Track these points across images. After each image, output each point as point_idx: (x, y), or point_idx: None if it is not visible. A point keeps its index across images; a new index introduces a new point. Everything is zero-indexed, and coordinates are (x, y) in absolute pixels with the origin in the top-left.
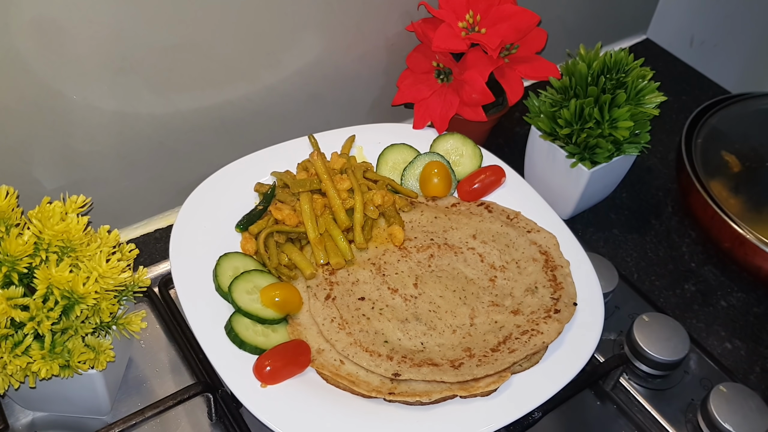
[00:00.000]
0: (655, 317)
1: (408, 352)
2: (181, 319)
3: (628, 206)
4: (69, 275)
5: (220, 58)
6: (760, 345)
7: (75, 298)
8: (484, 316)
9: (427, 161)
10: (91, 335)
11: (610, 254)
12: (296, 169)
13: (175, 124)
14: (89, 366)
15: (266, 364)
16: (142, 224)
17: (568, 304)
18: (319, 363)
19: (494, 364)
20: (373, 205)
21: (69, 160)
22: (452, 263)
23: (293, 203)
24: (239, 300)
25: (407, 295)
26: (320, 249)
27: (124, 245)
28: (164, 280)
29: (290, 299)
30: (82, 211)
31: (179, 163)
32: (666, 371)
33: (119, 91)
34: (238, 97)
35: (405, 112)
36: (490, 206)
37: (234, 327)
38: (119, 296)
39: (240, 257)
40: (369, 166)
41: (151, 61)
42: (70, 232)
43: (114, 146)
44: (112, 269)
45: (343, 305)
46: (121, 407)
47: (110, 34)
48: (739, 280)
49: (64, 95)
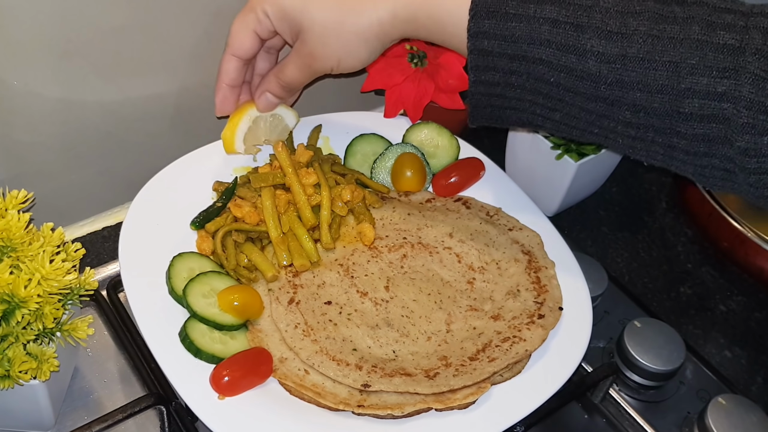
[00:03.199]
0: (648, 323)
1: (379, 361)
2: (132, 325)
3: (618, 202)
4: (9, 277)
5: (175, 41)
6: (762, 353)
7: (15, 302)
8: (461, 322)
9: (399, 153)
10: (33, 343)
11: (599, 254)
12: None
13: (125, 113)
14: (31, 376)
15: (224, 374)
16: (89, 222)
17: (553, 308)
18: (281, 373)
19: (473, 374)
20: (341, 201)
21: (9, 151)
22: (427, 264)
23: (254, 199)
24: (195, 304)
25: (378, 299)
26: (283, 249)
27: (69, 244)
28: (113, 283)
29: (250, 303)
30: (23, 207)
31: (129, 155)
32: (660, 382)
33: (63, 77)
34: (194, 83)
35: (375, 100)
36: (468, 202)
37: (189, 334)
38: (64, 300)
39: (196, 258)
40: (336, 158)
41: (99, 44)
42: (10, 230)
43: (58, 137)
44: (56, 271)
45: (307, 310)
46: (66, 421)
47: (53, 14)
48: (740, 282)
49: (3, 81)
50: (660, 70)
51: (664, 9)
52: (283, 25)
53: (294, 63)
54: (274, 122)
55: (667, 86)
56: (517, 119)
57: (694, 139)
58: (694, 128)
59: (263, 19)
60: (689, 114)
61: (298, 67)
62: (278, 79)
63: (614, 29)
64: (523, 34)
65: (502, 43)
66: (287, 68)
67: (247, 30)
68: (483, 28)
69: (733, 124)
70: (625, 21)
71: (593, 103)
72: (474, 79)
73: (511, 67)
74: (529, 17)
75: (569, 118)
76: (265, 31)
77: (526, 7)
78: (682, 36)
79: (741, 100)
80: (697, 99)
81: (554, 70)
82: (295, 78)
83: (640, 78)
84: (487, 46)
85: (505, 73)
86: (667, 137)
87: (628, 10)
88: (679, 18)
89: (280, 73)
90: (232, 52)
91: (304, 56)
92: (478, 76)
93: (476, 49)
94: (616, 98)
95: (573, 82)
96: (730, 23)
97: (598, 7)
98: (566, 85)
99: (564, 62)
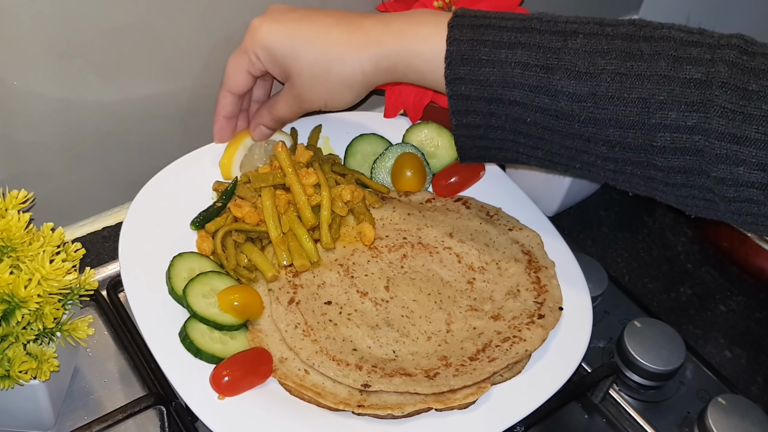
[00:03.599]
0: (648, 323)
1: (379, 361)
2: (132, 325)
3: (618, 202)
4: (9, 277)
5: (175, 41)
6: (762, 353)
7: (15, 302)
8: (461, 322)
9: (399, 153)
10: (33, 343)
11: (599, 254)
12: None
13: (125, 113)
14: (31, 376)
15: (224, 374)
16: (89, 222)
17: (553, 308)
18: (281, 373)
19: (473, 374)
20: (341, 201)
21: (9, 151)
22: (427, 264)
23: (254, 199)
24: (195, 304)
25: (378, 299)
26: (283, 249)
27: (69, 244)
28: (113, 283)
29: (250, 303)
30: (23, 207)
31: (130, 155)
32: (660, 382)
33: (64, 77)
34: (194, 83)
35: (375, 100)
36: (468, 202)
37: (189, 334)
38: (64, 300)
39: (196, 258)
40: (336, 158)
41: (99, 44)
42: (10, 230)
43: (58, 137)
44: (56, 271)
45: (307, 310)
46: (66, 421)
47: (53, 14)
48: (740, 282)
49: (4, 81)
50: (630, 107)
51: (631, 46)
52: (274, 68)
53: (285, 101)
54: (269, 148)
55: (638, 122)
56: (502, 157)
57: (671, 171)
58: (669, 161)
59: (255, 61)
60: (662, 147)
61: (288, 104)
62: (270, 114)
63: (582, 69)
64: (497, 78)
65: (479, 88)
66: (278, 104)
67: (241, 70)
68: (459, 75)
69: (707, 156)
70: (594, 60)
71: (570, 140)
72: (456, 123)
73: (490, 109)
74: (501, 62)
75: (551, 154)
76: (258, 71)
77: (498, 52)
78: (649, 72)
79: (712, 133)
80: (669, 132)
81: (530, 111)
82: (286, 114)
83: (611, 115)
84: (464, 91)
85: (484, 116)
86: (645, 170)
87: (595, 49)
88: (646, 55)
89: (272, 109)
90: (227, 89)
91: (294, 97)
92: (459, 119)
93: (455, 94)
94: (591, 135)
95: (549, 121)
96: (696, 57)
97: (566, 48)
98: (543, 125)
99: (538, 103)
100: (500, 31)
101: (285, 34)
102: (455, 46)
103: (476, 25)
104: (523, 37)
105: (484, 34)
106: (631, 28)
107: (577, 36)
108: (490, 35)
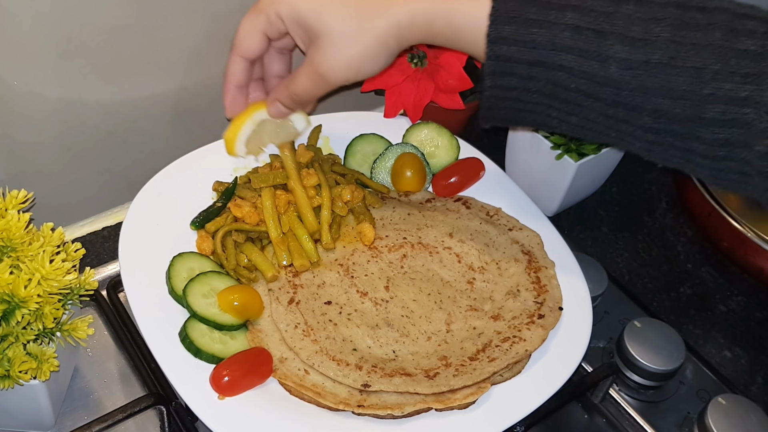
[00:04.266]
0: (648, 323)
1: (379, 361)
2: (132, 325)
3: (618, 202)
4: (9, 277)
5: (175, 41)
6: (762, 353)
7: (15, 302)
8: (461, 322)
9: (399, 153)
10: (33, 342)
11: (599, 254)
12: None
13: (124, 113)
14: (31, 376)
15: (224, 374)
16: (89, 222)
17: (553, 308)
18: (281, 373)
19: (473, 374)
20: (341, 201)
21: (9, 151)
22: (427, 264)
23: (254, 200)
24: (195, 304)
25: (378, 298)
26: (283, 249)
27: (69, 244)
28: (113, 283)
29: (250, 303)
30: (23, 207)
31: (129, 155)
32: (660, 382)
33: (64, 77)
34: (193, 83)
35: (375, 100)
36: (468, 202)
37: (189, 334)
38: (64, 300)
39: (195, 258)
40: (336, 158)
41: (99, 44)
42: (10, 230)
43: (58, 137)
44: (56, 271)
45: (307, 310)
46: (66, 421)
47: (53, 13)
48: (740, 282)
49: (3, 81)
50: (683, 76)
51: (685, 15)
52: (298, 29)
53: (306, 74)
54: (281, 125)
55: (690, 92)
56: (531, 121)
57: (714, 143)
58: (715, 133)
59: (275, 20)
60: (711, 119)
61: (311, 78)
62: (288, 90)
63: (637, 35)
64: (544, 39)
65: (522, 49)
66: (298, 79)
67: (256, 31)
68: (503, 34)
69: (753, 129)
70: (648, 27)
71: (613, 109)
72: (490, 84)
73: (530, 72)
74: (551, 23)
75: (586, 121)
76: (276, 32)
77: (547, 13)
78: (704, 42)
79: (762, 105)
80: (720, 104)
81: (574, 76)
82: (307, 90)
83: (662, 84)
84: (506, 52)
85: (523, 79)
86: (687, 142)
87: (650, 16)
88: (701, 24)
89: (291, 84)
90: (239, 53)
91: (317, 64)
92: (494, 81)
93: (495, 54)
94: (638, 104)
95: (593, 88)
96: (752, 29)
97: (620, 13)
98: (586, 91)
99: (585, 68)
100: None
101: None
102: (501, 3)
103: None
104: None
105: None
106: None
107: (629, 1)
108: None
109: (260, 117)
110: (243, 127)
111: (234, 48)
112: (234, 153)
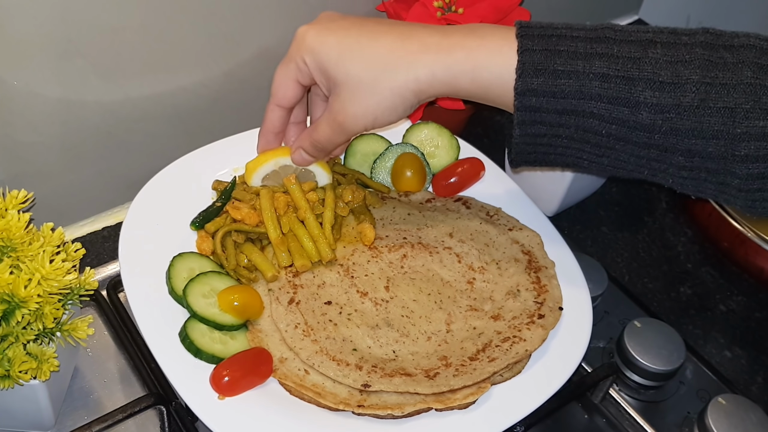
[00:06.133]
0: (648, 323)
1: (379, 361)
2: (132, 325)
3: (618, 202)
4: (9, 277)
5: (174, 41)
6: (762, 353)
7: (15, 302)
8: (461, 322)
9: (399, 153)
10: (33, 342)
11: (599, 254)
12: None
13: (124, 113)
14: (31, 376)
15: (224, 374)
16: (89, 221)
17: (553, 308)
18: (281, 373)
19: (473, 374)
20: (341, 201)
21: (9, 151)
22: (427, 264)
23: (252, 201)
24: (195, 304)
25: (378, 299)
26: (283, 250)
27: (69, 244)
28: (113, 283)
29: (250, 303)
30: (23, 207)
31: (129, 155)
32: (660, 382)
33: (64, 77)
34: (193, 83)
35: None
36: (468, 202)
37: (189, 334)
38: (64, 300)
39: (195, 258)
40: (336, 158)
41: (99, 44)
42: (10, 230)
43: (58, 137)
44: (56, 270)
45: (308, 310)
46: (66, 421)
47: (53, 14)
48: (740, 282)
49: (4, 81)
50: (715, 117)
51: (713, 56)
52: (321, 76)
53: (327, 121)
54: (303, 174)
55: (723, 131)
56: (561, 162)
57: (749, 177)
58: (749, 168)
59: (303, 67)
60: (745, 156)
61: (331, 126)
62: (311, 137)
63: (666, 79)
64: (572, 90)
65: (551, 100)
66: (320, 127)
67: (289, 79)
68: (531, 86)
69: None
70: (677, 70)
71: (645, 150)
72: (520, 133)
73: (560, 120)
74: (579, 73)
75: (618, 162)
76: (307, 78)
77: (575, 63)
78: (734, 81)
79: None
80: (753, 141)
81: (605, 122)
82: (327, 137)
83: (694, 126)
84: (534, 103)
85: (552, 126)
86: (721, 176)
87: (678, 59)
88: (729, 64)
89: (314, 132)
90: (276, 103)
91: (336, 113)
92: (524, 130)
93: (523, 106)
94: (670, 145)
95: (625, 132)
96: None
97: (647, 58)
98: (617, 135)
99: (616, 115)
100: (574, 41)
101: (334, 41)
102: (527, 57)
103: (547, 35)
104: (600, 47)
105: (558, 44)
106: (708, 36)
107: (656, 45)
108: (564, 45)
109: (283, 161)
110: (265, 164)
111: (272, 97)
112: (249, 182)
